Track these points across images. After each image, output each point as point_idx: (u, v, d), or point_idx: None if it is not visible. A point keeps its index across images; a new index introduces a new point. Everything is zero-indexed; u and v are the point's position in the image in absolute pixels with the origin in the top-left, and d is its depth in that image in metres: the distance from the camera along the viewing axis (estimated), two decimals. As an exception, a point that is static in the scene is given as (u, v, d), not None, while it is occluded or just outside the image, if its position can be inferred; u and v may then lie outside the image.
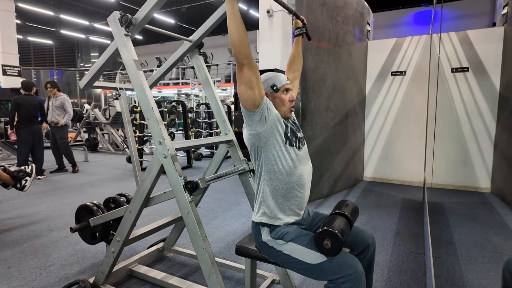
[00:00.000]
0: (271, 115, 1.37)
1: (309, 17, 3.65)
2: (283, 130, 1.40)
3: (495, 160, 4.23)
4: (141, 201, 1.75)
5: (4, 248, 2.60)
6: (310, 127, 3.81)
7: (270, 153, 1.38)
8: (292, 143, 1.42)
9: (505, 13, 4.18)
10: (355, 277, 1.18)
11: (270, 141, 1.37)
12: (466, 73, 4.34)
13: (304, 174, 1.44)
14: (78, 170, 5.79)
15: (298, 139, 1.46)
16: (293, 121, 1.51)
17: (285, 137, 1.40)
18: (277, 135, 1.38)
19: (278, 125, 1.39)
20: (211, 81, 2.12)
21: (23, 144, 5.01)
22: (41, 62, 19.99)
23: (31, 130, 5.01)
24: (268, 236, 1.39)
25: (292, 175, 1.39)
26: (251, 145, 1.42)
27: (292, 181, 1.39)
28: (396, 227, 3.11)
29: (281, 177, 1.38)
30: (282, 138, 1.39)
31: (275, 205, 1.40)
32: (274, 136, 1.38)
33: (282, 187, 1.39)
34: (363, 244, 1.42)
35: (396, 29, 13.32)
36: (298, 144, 1.45)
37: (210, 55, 12.63)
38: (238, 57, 1.26)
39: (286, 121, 1.44)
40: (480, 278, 2.16)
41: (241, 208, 3.65)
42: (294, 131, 1.46)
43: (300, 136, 1.50)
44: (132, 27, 1.70)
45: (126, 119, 2.16)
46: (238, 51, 1.25)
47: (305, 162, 1.46)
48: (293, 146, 1.41)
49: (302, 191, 1.43)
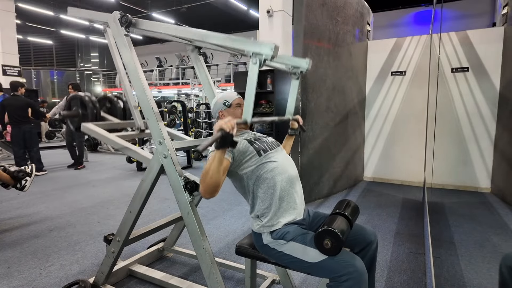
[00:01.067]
0: (238, 155, 1.44)
1: (309, 17, 3.65)
2: (252, 150, 1.46)
3: (495, 160, 4.23)
4: (141, 201, 1.76)
5: (4, 248, 2.60)
6: (310, 127, 3.81)
7: (253, 173, 1.44)
8: (266, 150, 1.49)
9: (505, 13, 4.18)
10: (357, 275, 1.18)
11: (250, 166, 1.44)
12: (466, 73, 4.34)
13: (289, 169, 1.49)
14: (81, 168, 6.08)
15: (267, 144, 1.54)
16: (254, 136, 1.57)
17: (257, 153, 1.46)
18: (252, 159, 1.45)
19: (246, 152, 1.45)
20: (211, 81, 2.11)
21: (14, 144, 5.17)
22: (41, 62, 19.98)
23: (21, 129, 5.11)
24: (269, 238, 1.40)
25: (279, 174, 1.43)
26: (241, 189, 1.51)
27: (281, 180, 1.43)
28: (396, 227, 3.11)
29: (269, 181, 1.42)
30: (255, 154, 1.46)
31: (272, 214, 1.42)
32: (250, 162, 1.45)
33: (275, 188, 1.42)
34: (365, 241, 1.43)
35: (396, 29, 13.31)
36: (271, 147, 1.53)
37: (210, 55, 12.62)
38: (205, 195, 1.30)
39: (249, 139, 1.50)
40: (480, 278, 2.16)
41: (241, 208, 3.65)
42: (261, 141, 1.53)
43: (270, 140, 1.59)
44: (132, 27, 1.71)
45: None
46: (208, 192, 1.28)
47: (284, 158, 1.53)
48: (267, 152, 1.49)
49: (293, 186, 1.46)
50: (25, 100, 5.22)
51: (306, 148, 3.79)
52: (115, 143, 1.85)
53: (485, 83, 4.24)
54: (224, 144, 1.21)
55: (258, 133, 1.65)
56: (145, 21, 1.70)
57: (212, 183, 1.26)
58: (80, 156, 6.16)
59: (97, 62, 21.35)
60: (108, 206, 3.70)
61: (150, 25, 1.67)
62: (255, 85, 1.25)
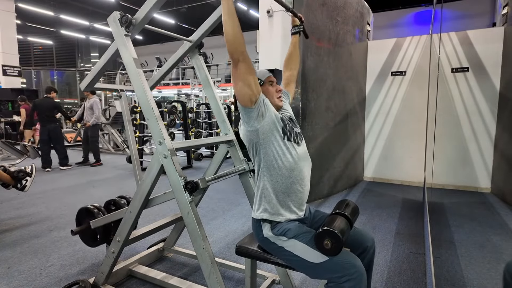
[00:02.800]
0: (268, 111, 1.39)
1: (309, 17, 3.65)
2: (281, 126, 1.41)
3: (495, 160, 4.23)
4: (141, 202, 1.76)
5: (4, 248, 2.60)
6: (310, 127, 3.81)
7: (269, 149, 1.39)
8: (291, 138, 1.43)
9: (505, 13, 4.18)
10: (357, 276, 1.18)
11: (268, 137, 1.38)
12: (466, 73, 4.34)
13: (304, 169, 1.45)
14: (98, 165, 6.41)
15: (296, 134, 1.48)
16: (290, 117, 1.53)
17: (283, 133, 1.41)
18: (275, 131, 1.39)
19: (276, 120, 1.40)
20: (211, 81, 2.11)
21: (41, 141, 5.90)
22: (41, 63, 19.98)
23: (46, 128, 5.80)
24: (269, 232, 1.39)
25: (292, 170, 1.40)
26: (249, 142, 1.43)
27: (292, 176, 1.40)
28: (396, 227, 3.11)
29: (281, 172, 1.39)
30: (280, 134, 1.40)
31: (276, 201, 1.40)
32: (272, 132, 1.38)
33: (283, 182, 1.39)
34: (361, 246, 1.42)
35: (396, 29, 13.31)
36: (296, 139, 1.46)
37: (210, 55, 12.62)
38: (233, 54, 1.27)
39: (283, 117, 1.46)
40: (480, 278, 2.16)
41: (241, 208, 3.65)
42: (292, 126, 1.47)
43: (297, 131, 1.51)
44: (132, 27, 1.70)
45: (127, 119, 2.17)
46: (233, 48, 1.26)
47: (304, 157, 1.48)
48: (291, 141, 1.43)
49: (302, 186, 1.43)
50: (54, 102, 5.95)
51: (306, 148, 3.79)
52: None
53: (485, 83, 4.24)
54: None
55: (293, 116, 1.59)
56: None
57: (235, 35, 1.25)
58: (96, 154, 6.52)
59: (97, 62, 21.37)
60: (108, 206, 3.69)
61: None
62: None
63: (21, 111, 8.05)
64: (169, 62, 2.18)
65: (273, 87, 1.52)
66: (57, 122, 6.14)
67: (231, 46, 1.26)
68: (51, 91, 6.02)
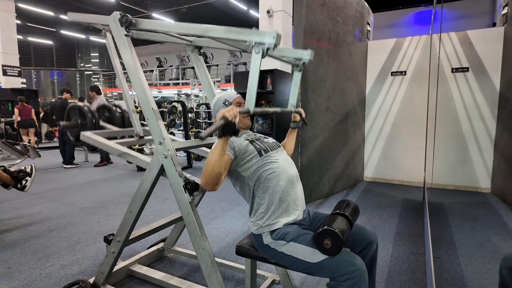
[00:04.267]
0: (239, 152, 1.44)
1: (309, 17, 3.65)
2: (252, 150, 1.46)
3: (495, 160, 4.23)
4: (141, 201, 1.75)
5: (4, 249, 2.60)
6: (310, 127, 3.81)
7: (254, 174, 1.44)
8: (266, 150, 1.49)
9: (505, 13, 4.18)
10: (357, 274, 1.18)
11: (250, 167, 1.44)
12: (466, 73, 4.34)
13: (290, 170, 1.49)
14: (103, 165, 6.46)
15: (268, 145, 1.54)
16: (254, 136, 1.57)
17: (258, 153, 1.46)
18: (253, 159, 1.44)
19: (247, 151, 1.45)
20: (211, 81, 2.11)
21: (58, 140, 6.28)
22: (41, 63, 19.98)
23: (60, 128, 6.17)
24: (269, 238, 1.40)
25: (279, 174, 1.43)
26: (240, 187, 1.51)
27: (282, 181, 1.43)
28: (397, 227, 3.11)
29: (271, 184, 1.42)
30: (256, 154, 1.45)
31: (271, 213, 1.42)
32: (251, 162, 1.44)
33: (275, 192, 1.42)
34: (365, 241, 1.43)
35: (396, 29, 13.30)
36: (270, 148, 1.52)
37: (210, 55, 12.62)
38: (207, 186, 1.31)
39: (250, 140, 1.50)
40: (480, 279, 2.16)
41: (241, 208, 3.65)
42: (259, 143, 1.52)
43: (270, 141, 1.58)
44: (132, 27, 1.70)
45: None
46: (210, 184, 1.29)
47: (285, 159, 1.53)
48: (268, 152, 1.49)
49: (293, 186, 1.46)
50: (65, 103, 6.09)
51: (306, 148, 3.79)
52: (114, 149, 1.86)
53: (485, 83, 4.24)
54: (226, 131, 1.20)
55: (258, 134, 1.65)
56: (146, 20, 1.70)
57: (214, 174, 1.26)
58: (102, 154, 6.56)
59: (97, 62, 21.34)
60: (108, 206, 3.70)
61: (150, 24, 1.67)
62: (258, 75, 1.22)
63: (15, 111, 8.16)
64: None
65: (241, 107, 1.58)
66: None
67: (207, 183, 1.29)
68: (64, 92, 6.28)
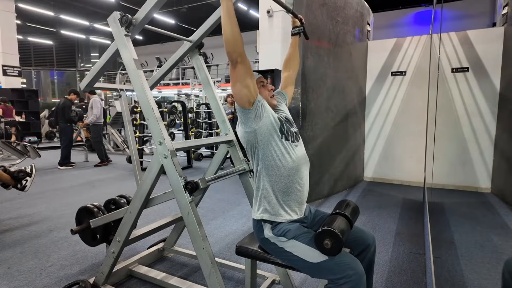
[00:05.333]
0: (265, 112, 1.39)
1: (309, 17, 3.65)
2: (278, 126, 1.42)
3: (495, 160, 4.23)
4: (141, 202, 1.76)
5: (5, 249, 2.60)
6: (310, 127, 3.81)
7: (267, 149, 1.39)
8: (288, 138, 1.44)
9: (505, 13, 4.18)
10: (356, 278, 1.18)
11: (266, 137, 1.39)
12: (466, 73, 4.34)
13: (302, 168, 1.46)
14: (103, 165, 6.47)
15: (293, 134, 1.49)
16: (286, 117, 1.54)
17: (281, 132, 1.42)
18: (272, 131, 1.40)
19: (273, 121, 1.41)
20: (211, 81, 2.11)
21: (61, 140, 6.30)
22: (41, 63, 19.97)
23: (60, 127, 6.24)
24: (270, 233, 1.39)
25: (291, 169, 1.40)
26: (247, 142, 1.43)
27: (291, 175, 1.40)
28: (397, 227, 3.11)
29: (280, 172, 1.39)
30: (278, 134, 1.41)
31: (276, 201, 1.40)
32: (270, 132, 1.39)
33: (282, 182, 1.39)
34: (363, 244, 1.42)
35: (396, 29, 13.30)
36: (293, 138, 1.47)
37: (210, 55, 12.62)
38: (232, 55, 1.27)
39: (279, 117, 1.47)
40: (480, 279, 2.16)
41: (241, 208, 3.65)
42: (289, 127, 1.49)
43: (294, 131, 1.53)
44: (132, 27, 1.70)
45: (127, 119, 2.17)
46: (232, 48, 1.26)
47: (302, 156, 1.49)
48: (289, 140, 1.44)
49: (301, 185, 1.44)
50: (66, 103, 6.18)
51: (306, 148, 3.75)
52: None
53: (485, 83, 4.24)
54: None
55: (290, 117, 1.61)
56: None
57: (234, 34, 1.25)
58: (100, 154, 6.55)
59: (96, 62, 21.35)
60: (108, 206, 3.69)
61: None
62: None
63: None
64: (169, 62, 2.18)
65: (265, 87, 1.54)
66: (69, 123, 6.21)
67: (229, 46, 1.26)
68: (70, 93, 6.33)
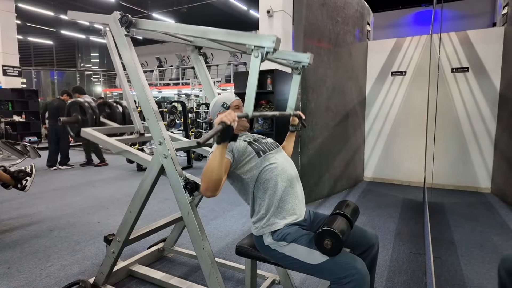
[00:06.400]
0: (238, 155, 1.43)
1: (309, 17, 3.65)
2: (251, 151, 1.46)
3: (495, 160, 4.23)
4: (141, 201, 1.75)
5: (5, 249, 2.60)
6: (310, 127, 3.81)
7: (254, 175, 1.44)
8: (265, 151, 1.49)
9: (505, 13, 4.18)
10: (359, 277, 1.18)
11: (250, 169, 1.44)
12: (466, 73, 4.34)
13: (289, 169, 1.48)
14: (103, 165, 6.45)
15: (267, 145, 1.54)
16: (252, 138, 1.58)
17: (257, 154, 1.46)
18: (252, 160, 1.44)
19: (245, 152, 1.45)
20: (211, 81, 2.11)
21: (49, 139, 6.17)
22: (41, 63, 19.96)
23: (54, 127, 6.03)
24: (270, 239, 1.40)
25: (279, 175, 1.43)
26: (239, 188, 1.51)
27: (282, 181, 1.43)
28: (397, 227, 3.11)
29: (271, 184, 1.42)
30: (255, 156, 1.45)
31: (272, 215, 1.41)
32: (250, 163, 1.44)
33: (276, 193, 1.41)
34: (366, 243, 1.43)
35: (396, 29, 13.29)
36: (269, 148, 1.53)
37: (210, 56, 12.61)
38: (205, 193, 1.30)
39: (248, 141, 1.50)
40: (480, 279, 2.16)
41: (241, 208, 3.65)
42: (260, 142, 1.53)
43: (269, 142, 1.59)
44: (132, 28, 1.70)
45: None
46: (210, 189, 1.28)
47: (284, 158, 1.53)
48: (266, 153, 1.49)
49: (292, 186, 1.46)
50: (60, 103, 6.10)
51: (306, 148, 3.79)
52: (114, 147, 1.86)
53: (485, 83, 4.24)
54: (225, 137, 1.19)
55: (257, 135, 1.65)
56: (146, 20, 1.70)
57: (214, 180, 1.26)
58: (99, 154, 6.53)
59: (97, 62, 21.33)
60: (108, 206, 3.70)
61: (150, 25, 1.67)
62: (257, 79, 1.22)
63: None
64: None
65: (239, 110, 1.55)
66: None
67: (208, 188, 1.28)
68: (64, 94, 6.28)
